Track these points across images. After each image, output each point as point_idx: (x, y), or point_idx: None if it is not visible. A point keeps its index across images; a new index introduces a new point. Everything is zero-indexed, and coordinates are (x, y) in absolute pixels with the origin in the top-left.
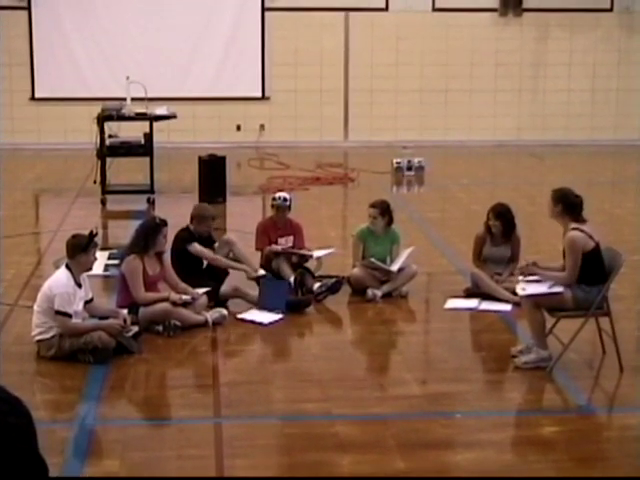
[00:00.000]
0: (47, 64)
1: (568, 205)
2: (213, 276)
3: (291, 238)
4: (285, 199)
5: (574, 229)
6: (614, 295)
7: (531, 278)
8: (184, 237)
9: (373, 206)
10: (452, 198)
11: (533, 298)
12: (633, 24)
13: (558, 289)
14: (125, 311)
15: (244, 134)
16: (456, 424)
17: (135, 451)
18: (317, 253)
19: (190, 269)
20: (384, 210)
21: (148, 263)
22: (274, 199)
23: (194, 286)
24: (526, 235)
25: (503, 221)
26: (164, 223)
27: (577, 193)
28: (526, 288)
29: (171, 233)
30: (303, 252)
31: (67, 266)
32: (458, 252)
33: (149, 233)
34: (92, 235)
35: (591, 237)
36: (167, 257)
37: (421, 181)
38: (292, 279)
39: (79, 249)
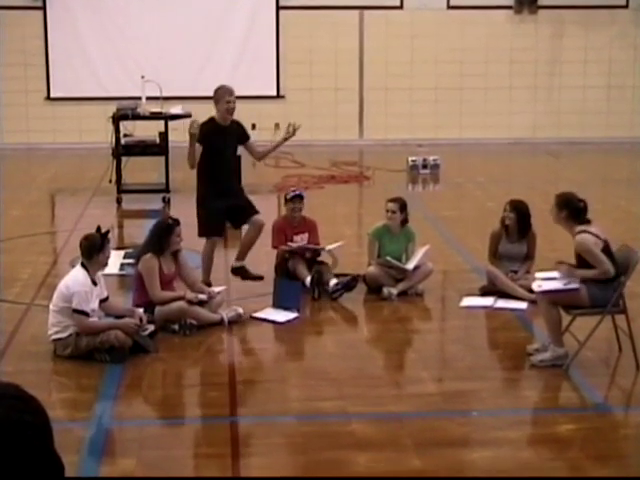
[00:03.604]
0: (62, 64)
1: (573, 210)
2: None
3: (306, 235)
4: (299, 195)
5: (581, 232)
6: (630, 293)
7: (547, 275)
8: (207, 127)
9: (392, 201)
10: (467, 196)
11: (549, 295)
12: None
13: (574, 286)
14: (141, 310)
15: (259, 133)
16: (472, 422)
17: (151, 450)
18: (328, 247)
19: (208, 167)
20: (403, 205)
21: (164, 262)
22: (288, 194)
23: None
24: (542, 232)
25: (518, 214)
26: (177, 222)
27: (581, 197)
28: (542, 285)
29: (185, 231)
30: (314, 247)
31: (82, 264)
32: (474, 250)
33: (162, 234)
34: (105, 232)
35: (598, 236)
36: (183, 255)
37: (436, 179)
38: (308, 279)
39: (95, 249)
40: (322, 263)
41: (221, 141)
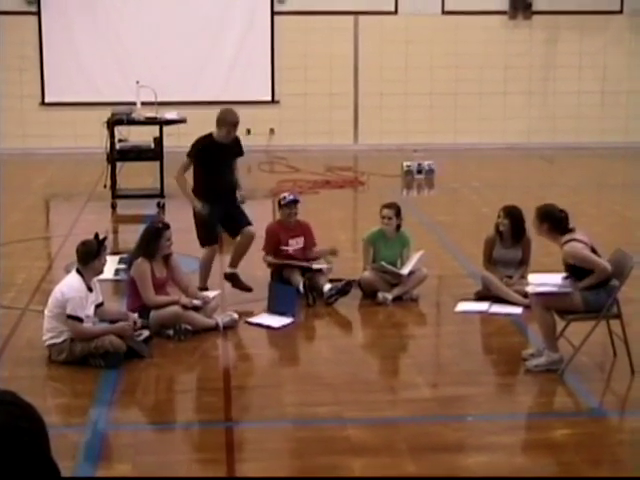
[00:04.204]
0: (57, 69)
1: (554, 222)
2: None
3: (301, 239)
4: (294, 200)
5: (568, 241)
6: (624, 298)
7: (541, 280)
8: (203, 143)
9: (388, 207)
10: (462, 201)
11: (543, 298)
12: None
13: (567, 289)
14: (135, 314)
15: (254, 138)
16: (467, 427)
17: (146, 455)
18: (316, 265)
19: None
20: (398, 211)
21: (155, 266)
22: (283, 199)
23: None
24: (537, 238)
25: (512, 220)
26: (166, 226)
27: (561, 208)
28: (536, 287)
29: (178, 236)
30: (302, 264)
31: (78, 270)
32: (469, 255)
33: (151, 239)
34: (102, 239)
35: (584, 242)
36: (175, 259)
37: (431, 184)
38: (301, 285)
39: (91, 256)
40: (317, 270)
41: (216, 157)
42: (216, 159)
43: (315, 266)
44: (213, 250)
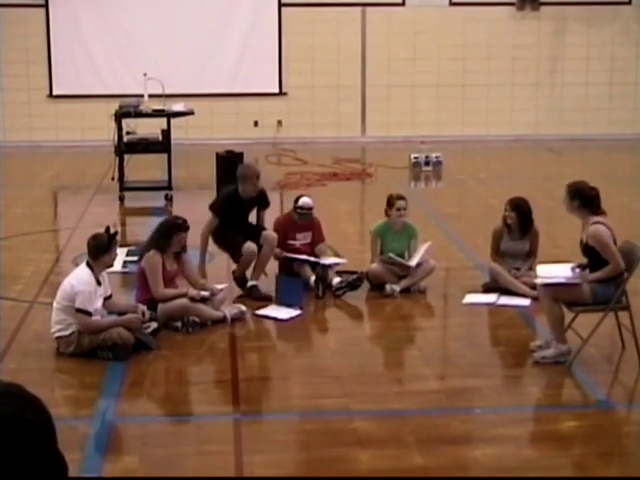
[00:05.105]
0: (65, 61)
1: (585, 199)
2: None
3: (309, 233)
4: (310, 207)
5: (596, 223)
6: (633, 289)
7: (549, 270)
8: (228, 201)
9: (401, 198)
10: (470, 193)
11: (551, 289)
12: None
13: (576, 281)
14: (144, 306)
15: (261, 130)
16: (475, 419)
17: (154, 447)
18: (326, 261)
19: (229, 223)
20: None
21: (166, 259)
22: (300, 208)
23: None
24: (544, 229)
25: (519, 213)
26: (185, 228)
27: (592, 185)
28: (545, 280)
29: (190, 232)
30: (310, 258)
31: (88, 264)
32: (476, 247)
33: (165, 233)
34: (113, 234)
35: (611, 230)
36: (186, 254)
37: (439, 176)
38: (313, 279)
39: (102, 250)
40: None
41: (240, 212)
42: (239, 214)
43: (325, 261)
44: (247, 258)
